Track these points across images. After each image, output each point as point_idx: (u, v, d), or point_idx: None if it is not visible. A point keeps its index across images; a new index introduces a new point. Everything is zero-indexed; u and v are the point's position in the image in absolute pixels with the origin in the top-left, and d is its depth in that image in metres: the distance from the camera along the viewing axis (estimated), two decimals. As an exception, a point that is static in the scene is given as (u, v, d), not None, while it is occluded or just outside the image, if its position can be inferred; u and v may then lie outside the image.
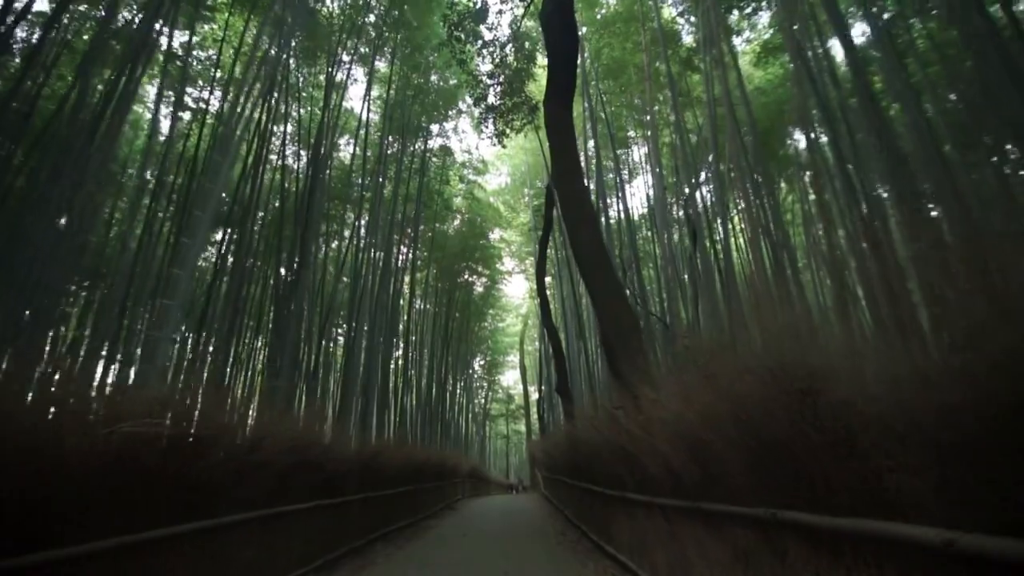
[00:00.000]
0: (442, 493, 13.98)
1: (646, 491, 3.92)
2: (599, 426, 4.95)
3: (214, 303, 10.02)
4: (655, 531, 3.74)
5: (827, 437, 1.82)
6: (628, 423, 3.85)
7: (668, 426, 3.17)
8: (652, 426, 3.47)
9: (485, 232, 21.89)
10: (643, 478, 3.96)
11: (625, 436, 4.08)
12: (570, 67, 6.62)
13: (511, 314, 35.77)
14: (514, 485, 33.72)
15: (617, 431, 4.41)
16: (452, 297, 23.36)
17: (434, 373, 22.24)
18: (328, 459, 5.16)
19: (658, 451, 3.37)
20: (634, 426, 3.79)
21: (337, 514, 5.84)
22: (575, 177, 5.67)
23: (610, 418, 4.62)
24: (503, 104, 13.31)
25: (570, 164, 5.75)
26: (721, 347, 3.24)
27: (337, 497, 5.75)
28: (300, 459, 4.55)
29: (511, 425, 45.85)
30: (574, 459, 7.53)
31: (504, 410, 43.43)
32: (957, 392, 1.31)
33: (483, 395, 40.80)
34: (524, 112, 13.28)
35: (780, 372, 2.06)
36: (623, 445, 4.15)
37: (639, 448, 3.72)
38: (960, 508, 1.29)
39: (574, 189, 5.55)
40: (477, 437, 39.91)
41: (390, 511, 8.25)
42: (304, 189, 11.62)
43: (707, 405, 2.65)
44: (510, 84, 12.86)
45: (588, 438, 5.91)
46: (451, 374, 27.50)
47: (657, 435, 3.38)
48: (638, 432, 3.75)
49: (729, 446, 2.48)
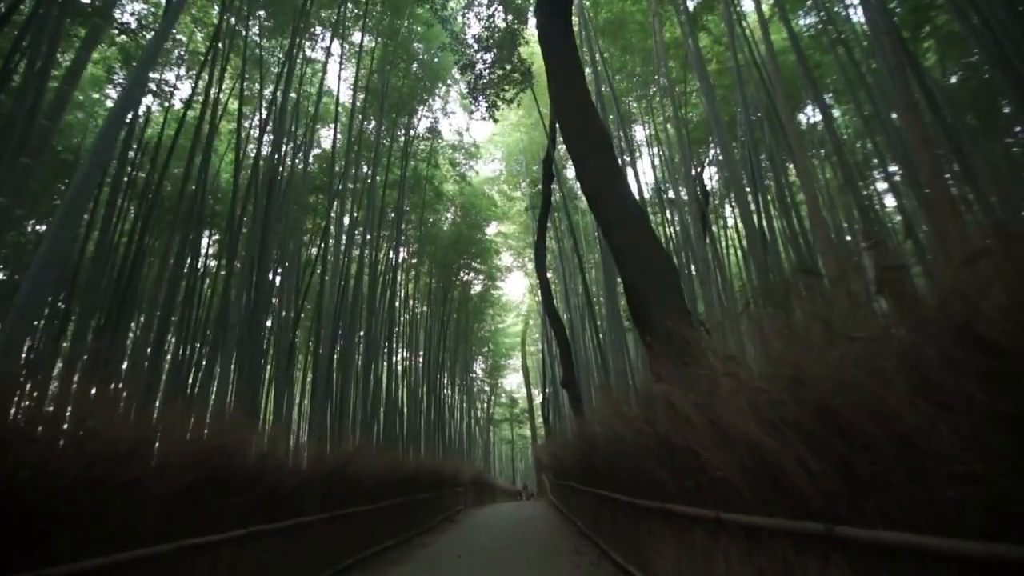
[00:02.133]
0: (440, 504, 12.64)
1: (707, 501, 2.64)
2: (625, 416, 3.67)
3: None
4: (731, 563, 2.45)
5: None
6: (679, 402, 2.57)
7: (765, 398, 1.90)
8: (727, 404, 2.20)
9: (481, 225, 20.62)
10: (700, 484, 2.68)
11: (670, 424, 2.81)
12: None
13: (511, 313, 34.47)
14: (521, 492, 32.32)
15: (654, 419, 3.13)
16: (448, 296, 22.09)
17: (431, 376, 20.93)
18: (264, 471, 3.88)
19: (740, 441, 2.09)
20: (688, 407, 2.52)
21: (287, 540, 4.54)
22: (579, 99, 4.41)
23: (643, 402, 3.34)
24: (493, 73, 12.11)
25: (572, 85, 4.49)
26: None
27: (286, 519, 4.46)
28: (213, 473, 3.26)
29: (516, 430, 44.45)
30: (587, 461, 6.24)
31: (508, 414, 42.06)
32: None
33: (485, 399, 39.47)
34: (517, 80, 12.07)
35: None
36: (666, 436, 2.88)
37: (698, 439, 2.44)
38: None
39: (579, 113, 4.30)
40: (481, 443, 38.57)
41: (371, 530, 6.95)
42: (263, 179, 10.28)
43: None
44: (500, 48, 11.65)
45: (607, 434, 4.63)
46: (450, 377, 26.19)
47: (734, 416, 2.11)
48: (695, 415, 2.47)
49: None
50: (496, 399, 41.23)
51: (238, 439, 3.63)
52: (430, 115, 15.44)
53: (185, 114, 11.63)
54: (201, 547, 3.33)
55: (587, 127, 4.28)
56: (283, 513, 4.47)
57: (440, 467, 12.33)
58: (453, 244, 19.09)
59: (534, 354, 34.08)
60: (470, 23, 12.37)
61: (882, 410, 1.37)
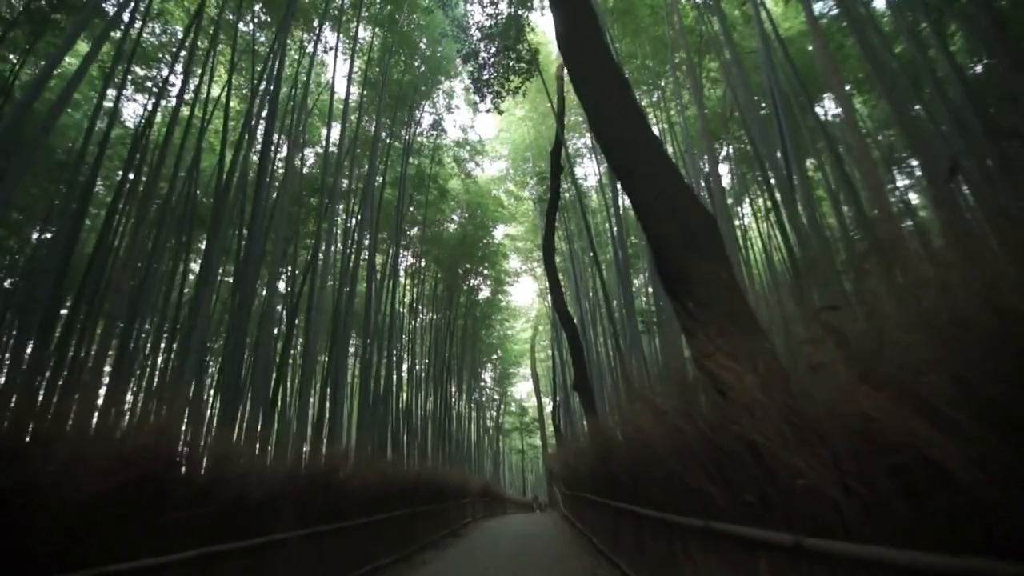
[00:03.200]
0: (444, 517, 11.90)
1: (778, 520, 1.94)
2: (656, 410, 2.97)
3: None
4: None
5: None
6: (738, 384, 1.88)
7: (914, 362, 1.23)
8: (820, 381, 1.52)
9: (487, 226, 20.02)
10: (767, 497, 1.99)
11: (722, 417, 2.13)
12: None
13: (520, 319, 33.75)
14: (532, 503, 31.36)
15: (696, 411, 2.44)
16: (455, 300, 21.46)
17: (438, 383, 20.25)
18: (218, 481, 3.24)
19: (843, 432, 1.41)
20: (754, 390, 1.83)
21: (257, 561, 3.89)
22: (588, 29, 3.75)
23: (680, 391, 2.66)
24: (497, 63, 11.58)
25: (580, 13, 3.82)
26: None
27: (254, 536, 3.80)
28: (147, 481, 2.63)
29: (526, 439, 43.49)
30: (604, 468, 5.52)
31: (518, 423, 41.15)
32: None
33: (495, 408, 38.67)
34: (522, 70, 11.51)
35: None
36: (715, 433, 2.19)
37: (770, 435, 1.75)
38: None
39: (589, 45, 3.64)
40: (490, 452, 37.71)
41: (364, 547, 6.26)
42: (251, 178, 9.75)
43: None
44: (503, 36, 11.12)
45: (631, 435, 3.93)
46: (458, 385, 25.48)
47: (839, 395, 1.43)
48: (765, 401, 1.79)
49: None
50: (506, 407, 40.41)
51: (177, 442, 2.99)
52: (433, 111, 14.98)
53: (177, 111, 11.27)
54: (129, 573, 2.69)
55: (599, 61, 3.61)
56: (250, 530, 3.82)
57: (445, 477, 11.61)
58: (459, 245, 18.50)
59: (544, 360, 33.27)
60: (473, 12, 11.88)
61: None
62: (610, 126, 3.40)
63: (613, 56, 3.57)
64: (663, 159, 3.29)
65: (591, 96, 3.56)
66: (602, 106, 3.46)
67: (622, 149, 3.33)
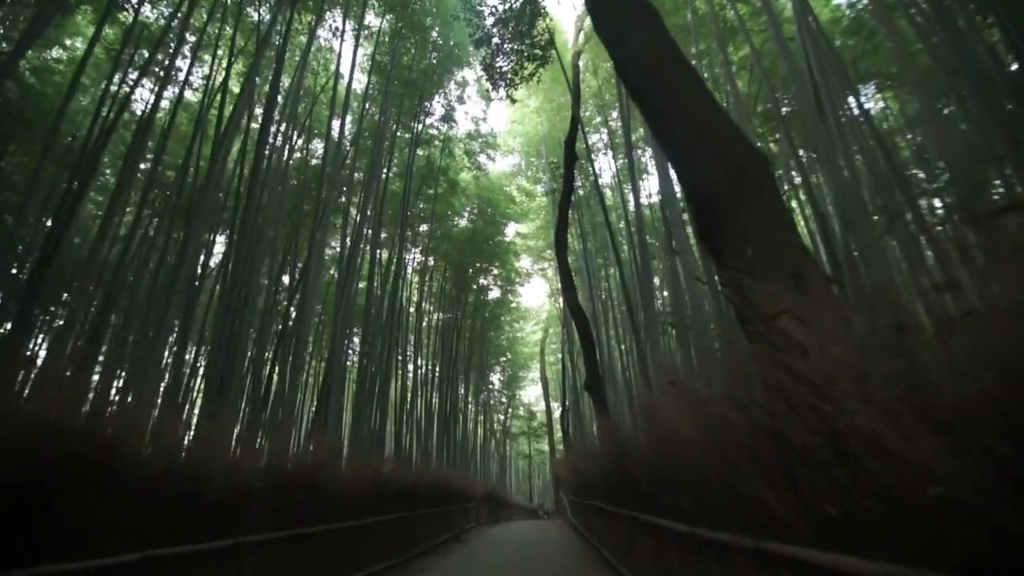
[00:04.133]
0: (447, 521, 11.37)
1: (885, 543, 1.39)
2: (693, 397, 2.43)
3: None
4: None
5: None
6: (820, 346, 1.35)
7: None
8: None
9: (498, 222, 19.53)
10: (866, 511, 1.44)
11: (793, 402, 1.59)
12: None
13: (530, 321, 33.17)
14: (538, 509, 30.66)
15: (750, 397, 1.90)
16: (462, 300, 20.98)
17: (444, 384, 19.75)
18: (170, 470, 2.76)
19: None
20: (848, 354, 1.30)
21: (222, 564, 3.40)
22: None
23: (729, 375, 2.12)
24: (512, 47, 11.14)
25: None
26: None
27: (219, 538, 3.32)
28: (67, 465, 2.16)
29: (533, 444, 42.76)
30: (620, 474, 4.96)
31: (526, 427, 40.47)
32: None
33: (503, 411, 38.06)
34: (536, 56, 11.04)
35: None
36: (780, 424, 1.66)
37: (891, 417, 1.21)
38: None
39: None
40: (496, 456, 37.11)
41: (354, 551, 5.77)
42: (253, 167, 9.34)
43: None
44: (518, 21, 10.68)
45: (655, 430, 3.39)
46: (465, 386, 24.97)
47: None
48: (863, 370, 1.25)
49: None
50: (514, 411, 39.75)
51: (129, 424, 2.52)
52: (445, 103, 14.57)
53: (180, 97, 11.02)
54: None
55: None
56: (215, 530, 3.35)
57: (447, 479, 11.09)
58: (468, 241, 18.03)
59: (553, 364, 32.59)
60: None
61: None
62: (640, 61, 2.88)
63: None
64: (704, 93, 2.76)
65: (618, 30, 3.04)
66: (630, 39, 2.95)
67: (655, 85, 2.80)
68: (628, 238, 14.85)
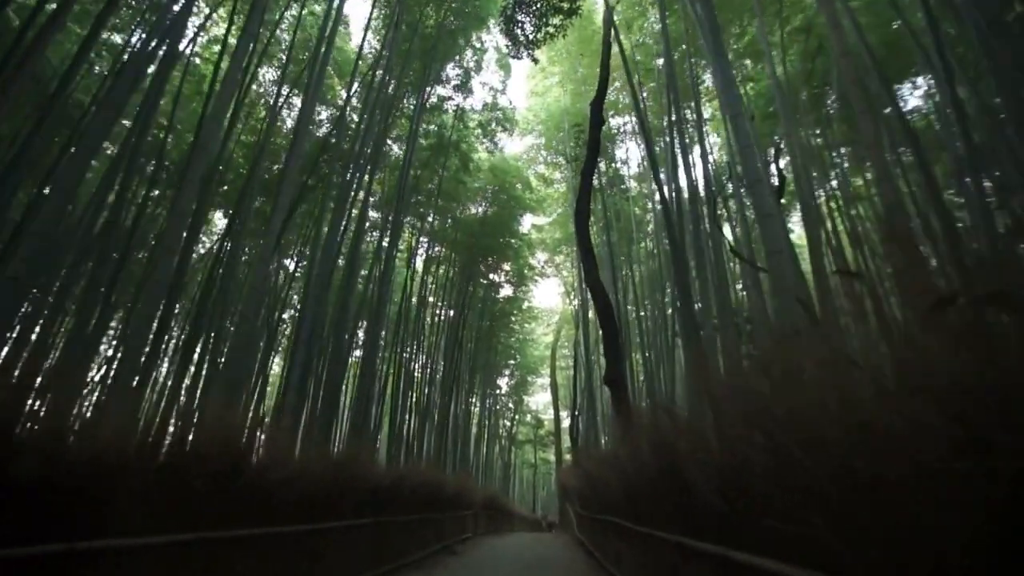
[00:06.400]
0: (438, 529, 10.01)
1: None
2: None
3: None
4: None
5: None
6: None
7: None
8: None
9: (513, 211, 18.25)
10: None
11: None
12: None
13: (542, 323, 31.77)
14: (542, 521, 29.07)
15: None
16: (471, 294, 19.71)
17: (447, 383, 18.43)
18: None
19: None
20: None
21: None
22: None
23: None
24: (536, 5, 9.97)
25: None
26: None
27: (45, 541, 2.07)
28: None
29: (539, 453, 41.13)
30: (658, 481, 3.61)
31: (532, 435, 38.91)
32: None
33: (509, 417, 36.60)
34: (563, 8, 9.84)
35: None
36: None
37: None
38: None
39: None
40: (500, 463, 35.58)
41: (297, 565, 4.48)
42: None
43: None
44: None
45: (732, 418, 2.05)
46: (470, 387, 23.64)
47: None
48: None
49: None
50: (520, 417, 38.23)
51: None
52: (460, 71, 13.39)
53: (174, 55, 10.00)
54: None
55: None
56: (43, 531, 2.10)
57: (440, 482, 9.77)
58: (480, 228, 16.79)
59: (564, 369, 31.04)
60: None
61: None
62: None
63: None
64: None
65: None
66: None
67: None
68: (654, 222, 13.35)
